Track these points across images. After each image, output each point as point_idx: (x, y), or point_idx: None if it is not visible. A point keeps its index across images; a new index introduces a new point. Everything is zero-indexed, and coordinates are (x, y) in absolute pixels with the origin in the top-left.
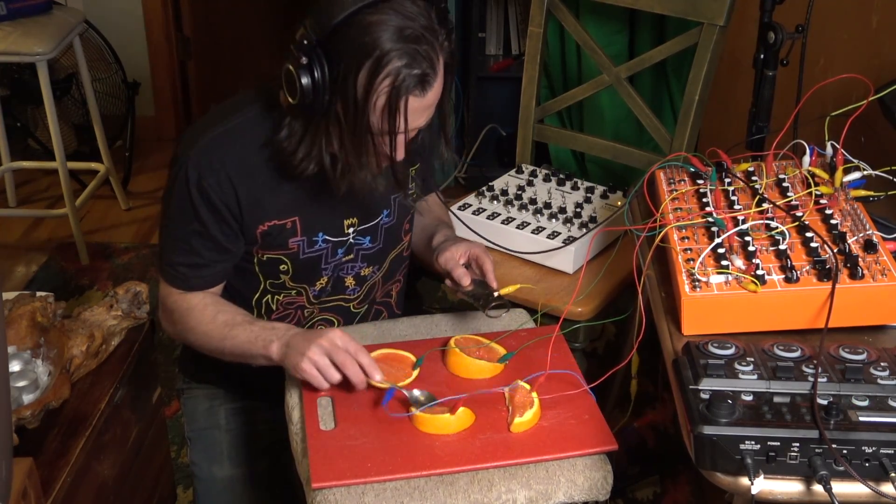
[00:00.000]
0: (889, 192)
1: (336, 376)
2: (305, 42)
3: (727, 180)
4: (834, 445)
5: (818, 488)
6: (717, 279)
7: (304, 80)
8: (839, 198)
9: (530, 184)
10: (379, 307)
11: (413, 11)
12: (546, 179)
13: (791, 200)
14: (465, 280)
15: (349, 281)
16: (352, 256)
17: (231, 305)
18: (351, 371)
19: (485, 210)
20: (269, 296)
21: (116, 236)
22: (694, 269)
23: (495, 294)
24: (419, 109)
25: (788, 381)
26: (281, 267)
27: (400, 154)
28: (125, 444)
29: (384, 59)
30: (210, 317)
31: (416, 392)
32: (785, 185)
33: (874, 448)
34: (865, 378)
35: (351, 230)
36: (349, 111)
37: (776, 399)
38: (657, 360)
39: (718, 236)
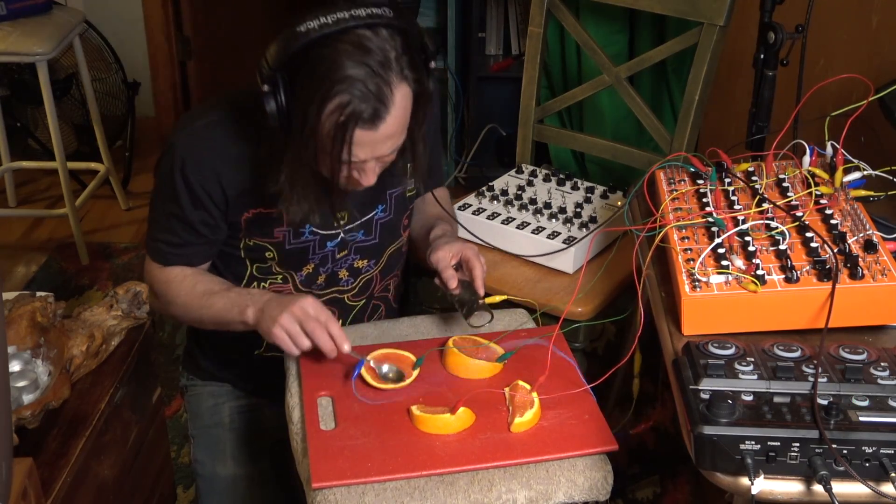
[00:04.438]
0: (889, 192)
1: (306, 343)
2: (265, 70)
3: (727, 180)
4: (834, 445)
5: (818, 488)
6: (717, 279)
7: (269, 108)
8: (839, 198)
9: (530, 184)
10: (377, 302)
11: (373, 44)
12: (546, 179)
13: (791, 200)
14: (452, 283)
15: (343, 273)
16: (346, 252)
17: (209, 275)
18: (321, 340)
19: (485, 210)
20: (255, 282)
21: (116, 236)
22: (694, 269)
23: (480, 301)
24: (373, 142)
25: (788, 381)
26: (266, 254)
27: (366, 181)
28: (125, 444)
29: (334, 92)
30: (188, 288)
31: (385, 367)
32: (785, 185)
33: (874, 448)
34: (865, 378)
35: (342, 223)
36: (308, 138)
37: (776, 399)
38: (657, 360)
39: (718, 236)
